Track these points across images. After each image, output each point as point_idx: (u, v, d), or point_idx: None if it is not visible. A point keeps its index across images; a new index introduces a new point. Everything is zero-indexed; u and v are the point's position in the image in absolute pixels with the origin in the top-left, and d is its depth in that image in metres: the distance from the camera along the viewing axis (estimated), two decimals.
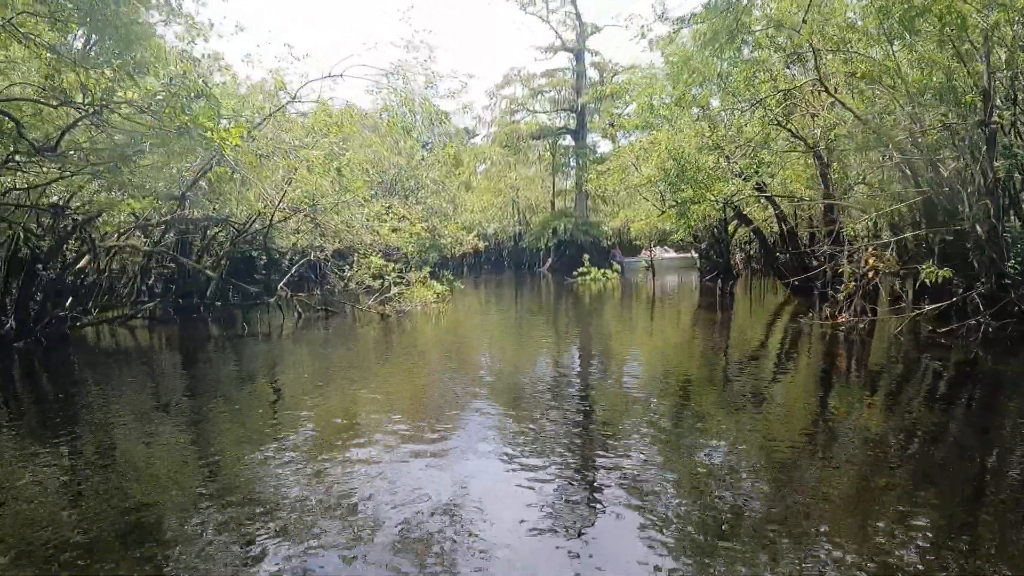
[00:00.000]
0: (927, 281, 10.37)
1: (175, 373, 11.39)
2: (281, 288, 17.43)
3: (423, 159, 40.42)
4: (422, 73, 13.21)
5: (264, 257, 29.34)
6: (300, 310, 17.75)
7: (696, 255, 40.91)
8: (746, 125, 17.78)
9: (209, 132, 7.30)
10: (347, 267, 19.42)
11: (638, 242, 44.67)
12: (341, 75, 13.78)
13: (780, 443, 6.37)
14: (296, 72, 13.83)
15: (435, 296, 18.46)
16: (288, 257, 26.15)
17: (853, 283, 10.79)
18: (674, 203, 22.81)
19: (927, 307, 11.03)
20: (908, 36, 14.55)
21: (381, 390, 9.17)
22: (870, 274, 10.85)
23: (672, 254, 45.95)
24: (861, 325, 11.79)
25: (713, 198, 16.67)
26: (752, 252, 38.45)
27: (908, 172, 15.08)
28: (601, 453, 6.17)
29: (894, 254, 10.79)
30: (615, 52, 66.91)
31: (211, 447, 6.73)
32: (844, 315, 11.30)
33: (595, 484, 5.37)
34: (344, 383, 9.76)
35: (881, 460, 5.78)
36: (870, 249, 10.91)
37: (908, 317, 11.40)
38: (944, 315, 12.33)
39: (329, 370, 10.96)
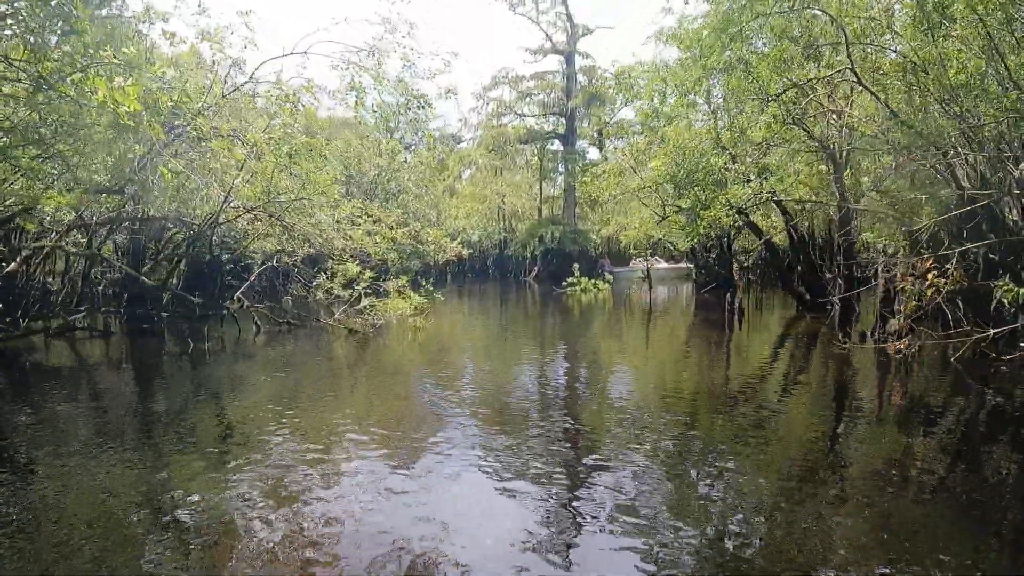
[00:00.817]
0: (1004, 300, 8.57)
1: (99, 396, 9.33)
2: (238, 298, 15.35)
3: (406, 161, 38.49)
4: (398, 50, 11.31)
5: (230, 262, 27.26)
6: (260, 323, 15.65)
7: (690, 265, 39.18)
8: (752, 127, 16.06)
9: (100, 93, 5.32)
10: (318, 274, 17.29)
11: (633, 251, 42.93)
12: (305, 52, 11.85)
13: (805, 479, 5.78)
14: (250, 45, 11.67)
15: (412, 309, 16.41)
16: (259, 263, 23.99)
17: (914, 302, 9.00)
18: (676, 209, 21.06)
19: (992, 331, 9.24)
20: (945, 25, 12.98)
21: (339, 429, 7.18)
22: (928, 291, 9.06)
23: (663, 264, 44.13)
24: (912, 350, 10.00)
25: (728, 201, 14.83)
26: (747, 263, 36.71)
27: (949, 176, 13.46)
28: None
29: (959, 269, 9.00)
30: (605, 54, 65.54)
31: (147, 487, 5.60)
32: (904, 341, 9.48)
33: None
34: (299, 415, 7.75)
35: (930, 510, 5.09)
36: (928, 263, 9.12)
37: (969, 341, 9.61)
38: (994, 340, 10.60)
39: (282, 398, 8.93)
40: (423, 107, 12.39)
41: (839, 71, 13.44)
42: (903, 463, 6.25)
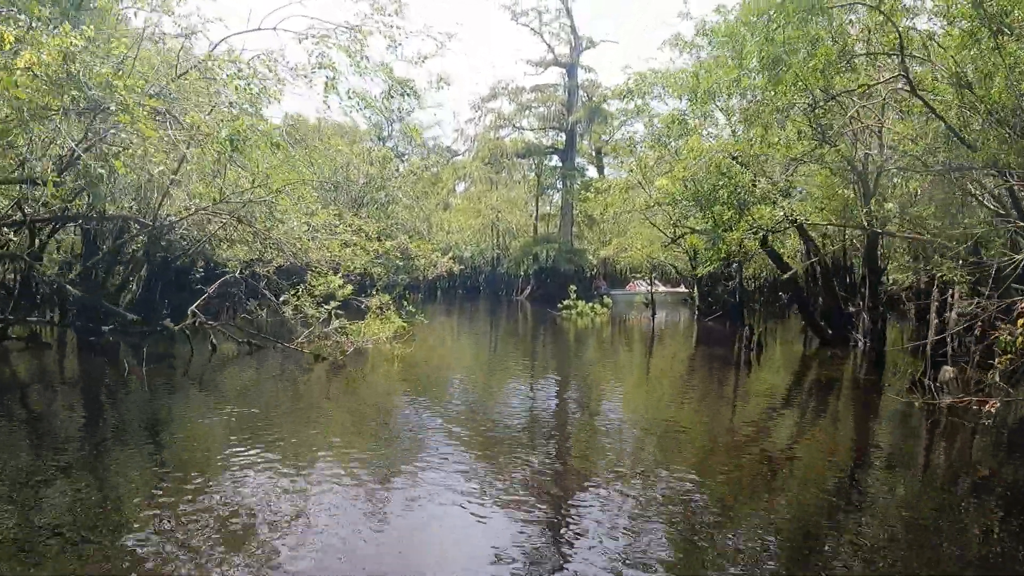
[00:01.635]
0: None
1: None
2: (192, 312, 13.38)
3: (398, 170, 36.69)
4: (383, 29, 9.45)
5: (201, 271, 25.26)
6: (216, 342, 13.66)
7: (688, 290, 37.30)
8: (783, 141, 14.33)
9: None
10: (288, 289, 15.28)
11: (636, 274, 41.25)
12: (275, 28, 10.06)
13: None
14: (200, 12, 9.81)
15: (392, 332, 14.34)
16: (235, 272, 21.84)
17: (1010, 355, 7.22)
18: (689, 230, 19.30)
19: None
20: (1004, 34, 11.46)
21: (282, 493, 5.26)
22: (1019, 340, 7.27)
23: (661, 288, 42.32)
24: (993, 409, 8.19)
25: (754, 223, 13.03)
26: (752, 289, 34.93)
27: (1011, 203, 11.78)
28: None
29: None
30: (609, 67, 64.05)
31: None
32: (993, 402, 7.67)
33: None
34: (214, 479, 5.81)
35: None
36: None
37: None
38: None
39: (203, 452, 6.98)
40: (408, 94, 10.56)
41: (892, 79, 11.77)
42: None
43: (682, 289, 43.17)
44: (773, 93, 10.59)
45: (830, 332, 18.24)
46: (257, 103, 9.45)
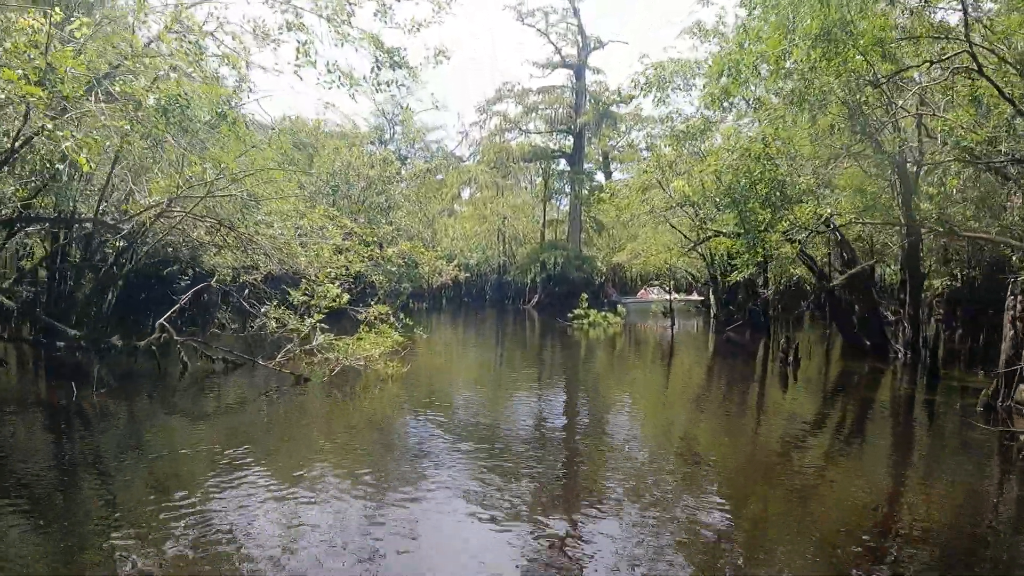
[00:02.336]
0: None
1: None
2: (161, 325, 11.92)
3: (399, 173, 35.27)
4: None
5: (188, 280, 23.82)
6: (187, 360, 12.14)
7: (704, 297, 35.66)
8: (832, 131, 12.86)
9: None
10: (271, 299, 13.78)
11: (654, 280, 39.72)
12: None
13: None
14: None
15: (387, 348, 12.70)
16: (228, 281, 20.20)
17: None
18: (715, 232, 17.77)
19: None
20: None
21: None
22: None
23: (676, 295, 40.61)
24: None
25: (796, 222, 11.51)
26: (768, 294, 33.21)
27: None
28: None
29: None
30: (617, 67, 62.32)
31: None
32: None
33: None
34: None
35: None
36: None
37: None
38: None
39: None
40: (398, 66, 9.07)
41: (958, 54, 10.28)
42: None
43: (695, 296, 41.54)
44: (825, 67, 9.10)
45: (867, 342, 16.69)
46: (203, 67, 7.99)
